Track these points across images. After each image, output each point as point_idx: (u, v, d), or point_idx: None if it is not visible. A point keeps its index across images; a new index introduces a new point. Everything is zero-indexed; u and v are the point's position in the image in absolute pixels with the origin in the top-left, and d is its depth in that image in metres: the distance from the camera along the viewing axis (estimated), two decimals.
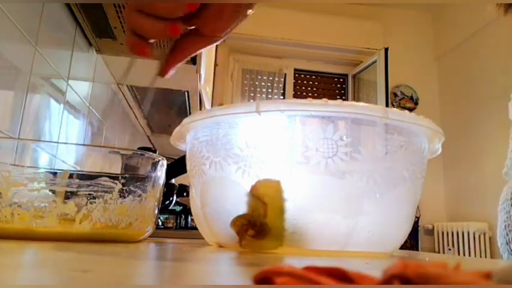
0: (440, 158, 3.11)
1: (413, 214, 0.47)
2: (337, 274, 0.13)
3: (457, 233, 2.87)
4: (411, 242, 2.93)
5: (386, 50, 3.15)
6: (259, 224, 0.39)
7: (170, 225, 1.53)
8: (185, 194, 1.48)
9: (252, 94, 3.38)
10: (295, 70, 3.50)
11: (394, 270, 0.12)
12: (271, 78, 3.40)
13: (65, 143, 0.99)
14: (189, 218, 1.51)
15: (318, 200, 0.41)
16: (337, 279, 0.12)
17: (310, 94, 3.50)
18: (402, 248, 0.56)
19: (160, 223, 1.50)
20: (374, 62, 3.26)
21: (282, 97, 3.39)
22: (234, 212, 0.40)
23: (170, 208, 1.40)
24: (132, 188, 0.44)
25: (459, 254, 2.83)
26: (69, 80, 1.09)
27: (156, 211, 0.49)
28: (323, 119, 0.41)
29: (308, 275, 0.12)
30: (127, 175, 0.45)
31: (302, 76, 3.53)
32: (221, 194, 0.45)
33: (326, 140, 0.39)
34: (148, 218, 0.47)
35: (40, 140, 0.91)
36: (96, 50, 1.25)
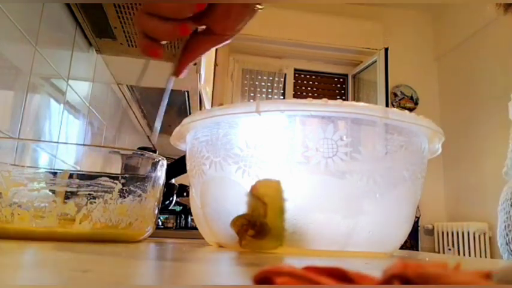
0: (440, 158, 3.11)
1: (413, 214, 0.47)
2: (337, 274, 0.13)
3: (457, 233, 2.87)
4: (411, 242, 2.93)
5: (386, 50, 3.15)
6: (259, 224, 0.39)
7: (170, 225, 1.53)
8: (185, 194, 1.48)
9: (252, 94, 3.38)
10: (295, 70, 3.50)
11: (394, 270, 0.12)
12: (271, 78, 3.40)
13: (65, 143, 0.99)
14: (189, 218, 1.51)
15: (318, 200, 0.41)
16: (337, 279, 0.12)
17: (310, 94, 3.50)
18: (402, 248, 0.56)
19: (160, 223, 1.50)
20: (374, 62, 3.26)
21: (282, 97, 3.39)
22: (234, 212, 0.40)
23: (170, 208, 1.40)
24: (132, 188, 0.44)
25: (459, 254, 2.83)
26: (69, 80, 1.09)
27: (156, 211, 0.49)
28: (323, 119, 0.41)
29: (308, 275, 0.12)
30: (127, 175, 0.45)
31: (302, 76, 3.53)
32: (221, 194, 0.45)
33: (326, 140, 0.39)
34: (148, 218, 0.47)
35: (40, 140, 0.91)
36: (96, 50, 1.25)
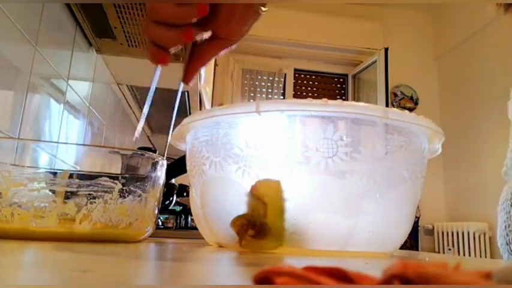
0: (440, 158, 3.11)
1: (413, 214, 0.47)
2: (337, 274, 0.13)
3: (457, 233, 2.87)
4: (411, 242, 2.93)
5: (386, 50, 3.15)
6: (259, 224, 0.39)
7: (170, 225, 1.53)
8: (185, 194, 1.48)
9: (252, 94, 3.38)
10: (295, 70, 3.50)
11: (394, 270, 0.12)
12: (271, 78, 3.40)
13: (65, 143, 0.99)
14: (189, 218, 1.51)
15: (318, 200, 0.41)
16: (337, 279, 0.12)
17: (310, 94, 3.50)
18: (402, 248, 0.56)
19: (160, 223, 1.50)
20: (374, 62, 3.26)
21: (282, 97, 3.39)
22: (234, 212, 0.40)
23: (170, 208, 1.40)
24: (132, 188, 0.44)
25: (459, 254, 2.83)
26: (69, 80, 1.09)
27: (156, 211, 0.49)
28: (323, 119, 0.41)
29: (308, 275, 0.12)
30: (127, 175, 0.45)
31: (302, 76, 3.53)
32: (221, 194, 0.45)
33: (326, 140, 0.39)
34: (148, 218, 0.47)
35: (40, 140, 0.91)
36: (96, 50, 1.25)
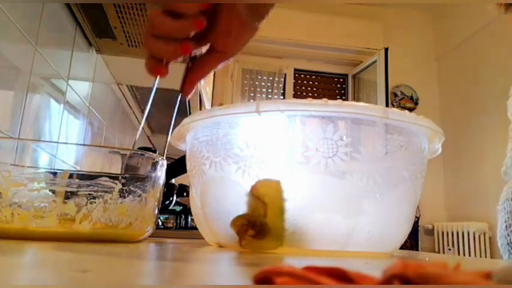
0: (440, 158, 3.11)
1: (413, 214, 0.47)
2: (337, 274, 0.13)
3: (457, 233, 2.87)
4: (411, 242, 2.93)
5: (386, 50, 3.15)
6: (259, 224, 0.39)
7: (170, 225, 1.53)
8: (185, 194, 1.48)
9: (252, 94, 3.38)
10: (295, 70, 3.50)
11: (394, 270, 0.12)
12: (271, 78, 3.40)
13: (65, 143, 0.99)
14: (189, 218, 1.51)
15: (318, 200, 0.41)
16: (337, 279, 0.12)
17: (310, 94, 3.50)
18: (402, 248, 0.56)
19: (160, 223, 1.50)
20: (374, 62, 3.26)
21: (282, 97, 3.39)
22: (234, 212, 0.40)
23: (170, 208, 1.40)
24: (132, 188, 0.44)
25: (459, 254, 2.83)
26: (69, 80, 1.09)
27: (156, 211, 0.49)
28: (323, 119, 0.41)
29: (308, 275, 0.12)
30: (127, 175, 0.45)
31: (302, 76, 3.53)
32: (221, 194, 0.45)
33: (326, 140, 0.39)
34: (148, 218, 0.47)
35: (40, 140, 0.91)
36: (96, 50, 1.25)
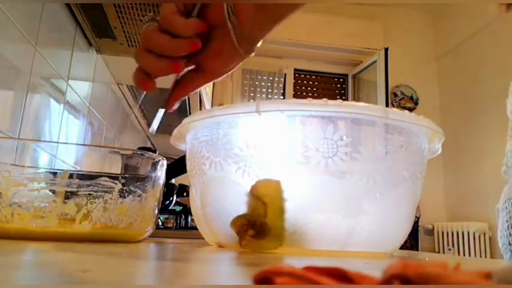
0: (440, 158, 3.11)
1: (413, 214, 0.47)
2: (337, 274, 0.13)
3: (457, 233, 2.87)
4: (411, 242, 2.93)
5: (386, 50, 3.15)
6: (259, 224, 0.39)
7: (170, 225, 1.53)
8: (185, 194, 1.48)
9: (252, 94, 3.38)
10: (295, 70, 3.50)
11: (394, 270, 0.12)
12: (271, 78, 3.40)
13: (65, 143, 0.99)
14: (189, 218, 1.51)
15: (318, 200, 0.41)
16: (337, 279, 0.12)
17: (310, 94, 3.50)
18: (402, 248, 0.56)
19: (160, 223, 1.50)
20: (374, 62, 3.26)
21: (282, 97, 3.39)
22: (234, 212, 0.40)
23: (170, 208, 1.40)
24: (132, 188, 0.44)
25: (459, 254, 2.83)
26: (69, 80, 1.09)
27: (156, 211, 0.49)
28: (323, 119, 0.41)
29: (308, 275, 0.12)
30: (127, 175, 0.45)
31: (302, 76, 3.52)
32: (221, 194, 0.45)
33: (326, 140, 0.39)
34: (148, 218, 0.47)
35: (40, 140, 0.91)
36: (96, 50, 1.25)
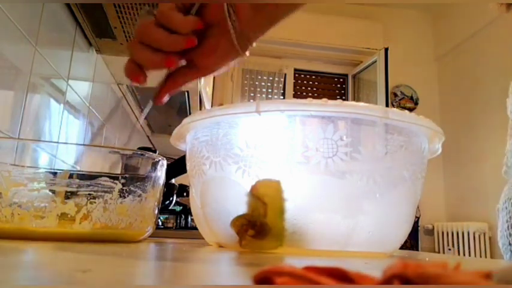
0: (440, 158, 3.11)
1: (413, 214, 0.47)
2: (337, 274, 0.13)
3: (457, 233, 2.87)
4: (411, 242, 2.93)
5: (386, 50, 3.15)
6: (259, 224, 0.39)
7: (170, 225, 1.53)
8: (185, 194, 1.48)
9: (252, 94, 3.38)
10: (295, 70, 3.50)
11: (394, 270, 0.12)
12: (271, 78, 3.40)
13: (65, 143, 0.99)
14: (189, 218, 1.51)
15: (318, 200, 0.41)
16: (337, 279, 0.12)
17: (310, 94, 3.50)
18: (402, 248, 0.56)
19: (160, 223, 1.50)
20: (374, 62, 3.26)
21: (282, 97, 3.39)
22: (234, 212, 0.40)
23: (170, 208, 1.40)
24: (132, 188, 0.44)
25: (459, 254, 2.83)
26: (69, 80, 1.09)
27: (156, 211, 0.49)
28: (323, 119, 0.40)
29: (308, 275, 0.12)
30: (127, 175, 0.45)
31: (302, 76, 3.52)
32: (221, 194, 0.45)
33: (326, 140, 0.39)
34: (148, 218, 0.47)
35: (40, 140, 0.91)
36: (96, 50, 1.25)
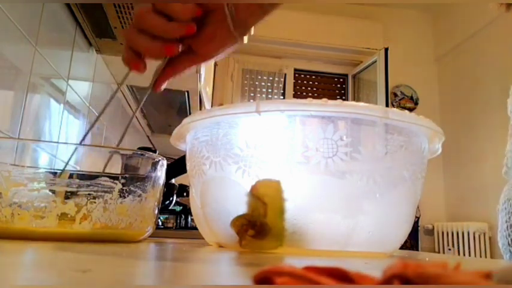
0: (440, 158, 3.11)
1: (413, 214, 0.47)
2: (337, 274, 0.13)
3: (457, 233, 2.87)
4: (411, 242, 2.93)
5: (386, 50, 3.15)
6: (259, 224, 0.39)
7: (170, 225, 1.53)
8: (185, 194, 1.48)
9: (252, 94, 3.38)
10: (295, 70, 3.50)
11: (394, 270, 0.12)
12: (271, 78, 3.40)
13: (65, 143, 0.99)
14: (189, 218, 1.51)
15: (318, 200, 0.41)
16: (337, 279, 0.12)
17: (310, 94, 3.50)
18: (402, 248, 0.56)
19: (160, 223, 1.50)
20: (374, 62, 3.26)
21: (282, 97, 3.39)
22: (234, 212, 0.40)
23: (170, 208, 1.40)
24: (132, 188, 0.44)
25: (459, 254, 2.83)
26: (69, 80, 1.09)
27: (156, 211, 0.49)
28: (323, 119, 0.40)
29: (308, 275, 0.12)
30: (127, 175, 0.45)
31: (302, 76, 3.53)
32: (221, 194, 0.45)
33: (326, 140, 0.39)
34: (148, 218, 0.47)
35: (40, 140, 0.91)
36: (96, 50, 1.25)
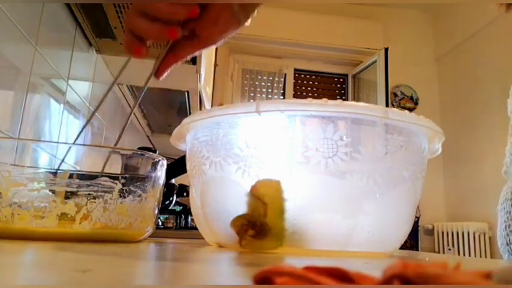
0: (440, 158, 3.11)
1: (413, 214, 0.47)
2: (337, 274, 0.13)
3: (457, 233, 2.87)
4: (411, 242, 2.93)
5: (386, 50, 3.15)
6: (259, 224, 0.39)
7: (170, 225, 1.53)
8: (185, 194, 1.48)
9: (252, 94, 3.38)
10: (295, 70, 3.50)
11: (394, 270, 0.12)
12: (271, 78, 3.40)
13: (65, 143, 0.99)
14: (189, 218, 1.51)
15: (318, 200, 0.41)
16: (337, 279, 0.12)
17: (310, 94, 3.50)
18: (402, 248, 0.56)
19: (160, 223, 1.50)
20: (374, 62, 3.26)
21: (282, 97, 3.39)
22: (234, 212, 0.40)
23: (170, 208, 1.40)
24: (132, 188, 0.44)
25: (459, 254, 2.83)
26: (69, 80, 1.09)
27: (156, 211, 0.49)
28: (323, 119, 0.40)
29: (308, 275, 0.12)
30: (127, 175, 0.45)
31: (302, 76, 3.53)
32: (221, 194, 0.45)
33: (326, 140, 0.39)
34: (148, 218, 0.47)
35: (40, 140, 0.91)
36: (96, 50, 1.25)
